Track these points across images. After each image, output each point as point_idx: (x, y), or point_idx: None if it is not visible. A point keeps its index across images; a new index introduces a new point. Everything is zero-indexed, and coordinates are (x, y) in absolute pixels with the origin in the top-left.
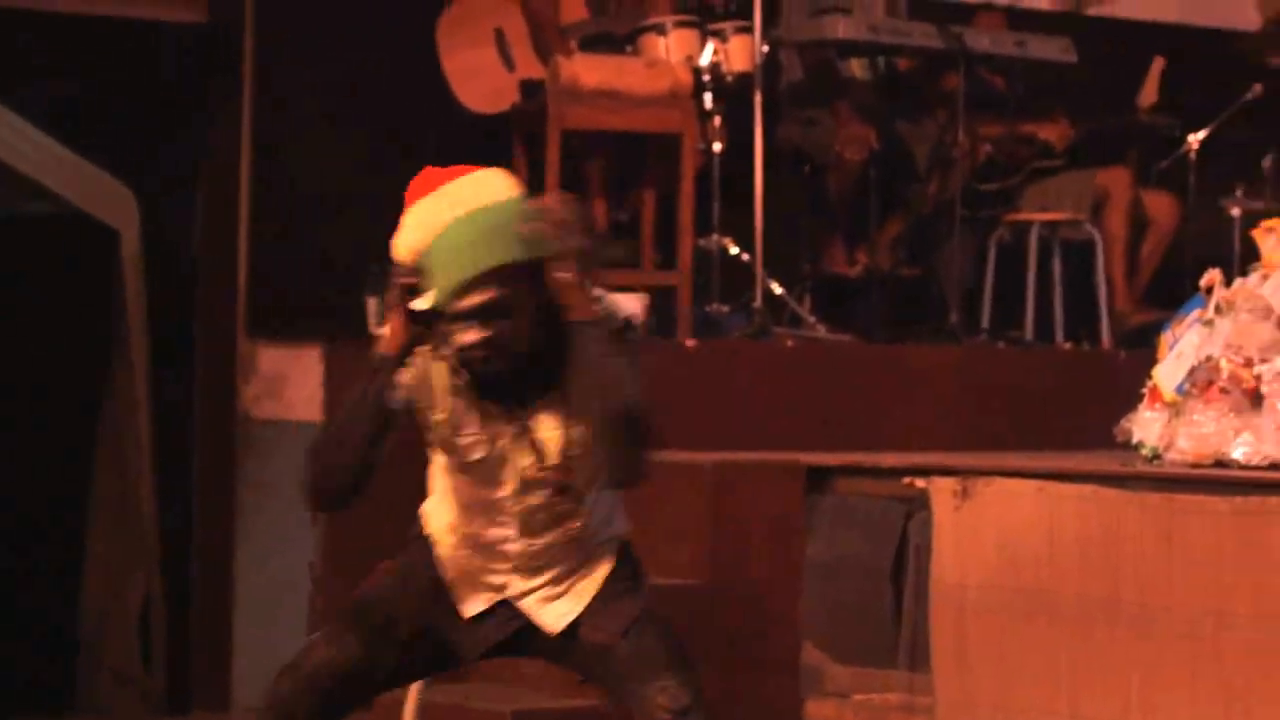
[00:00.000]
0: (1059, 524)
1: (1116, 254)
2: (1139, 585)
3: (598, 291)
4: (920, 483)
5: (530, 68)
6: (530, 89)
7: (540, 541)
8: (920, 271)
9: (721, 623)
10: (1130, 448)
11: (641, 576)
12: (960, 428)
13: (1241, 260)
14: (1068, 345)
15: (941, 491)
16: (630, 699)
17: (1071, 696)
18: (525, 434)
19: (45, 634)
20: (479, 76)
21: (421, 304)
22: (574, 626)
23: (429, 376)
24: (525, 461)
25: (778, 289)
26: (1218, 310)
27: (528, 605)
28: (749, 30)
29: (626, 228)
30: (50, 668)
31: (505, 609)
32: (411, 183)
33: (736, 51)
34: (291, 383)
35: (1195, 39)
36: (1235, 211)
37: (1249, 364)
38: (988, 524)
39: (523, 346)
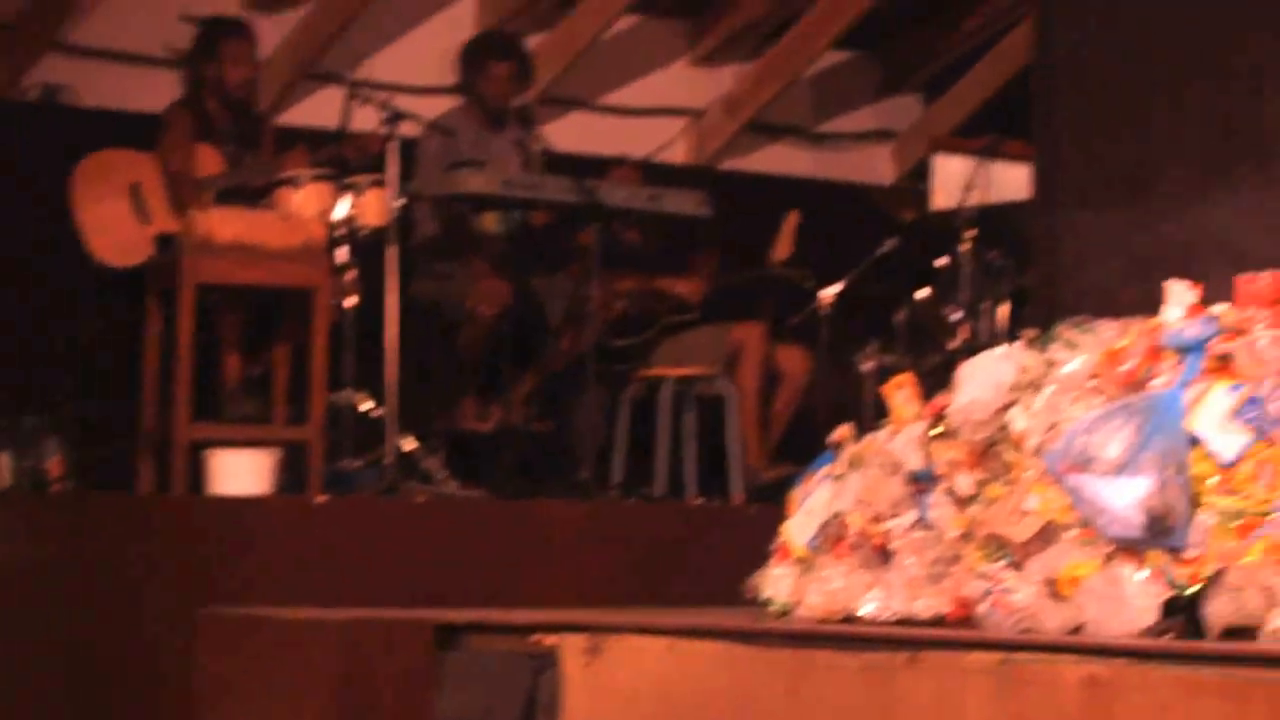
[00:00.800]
0: (689, 680)
1: (749, 409)
2: None
3: None
4: (550, 639)
5: (166, 221)
6: (165, 243)
7: None
8: (553, 426)
9: None
10: (760, 604)
11: None
12: (591, 583)
13: (873, 415)
14: (699, 500)
15: (571, 648)
16: None
17: None
18: None
19: None
20: (113, 230)
21: None
22: None
23: None
24: None
25: (410, 444)
26: (848, 465)
27: None
28: (383, 184)
29: (260, 382)
30: None
31: None
32: None
33: (371, 206)
34: None
35: (830, 193)
36: (868, 366)
37: (878, 520)
38: (618, 681)
39: None
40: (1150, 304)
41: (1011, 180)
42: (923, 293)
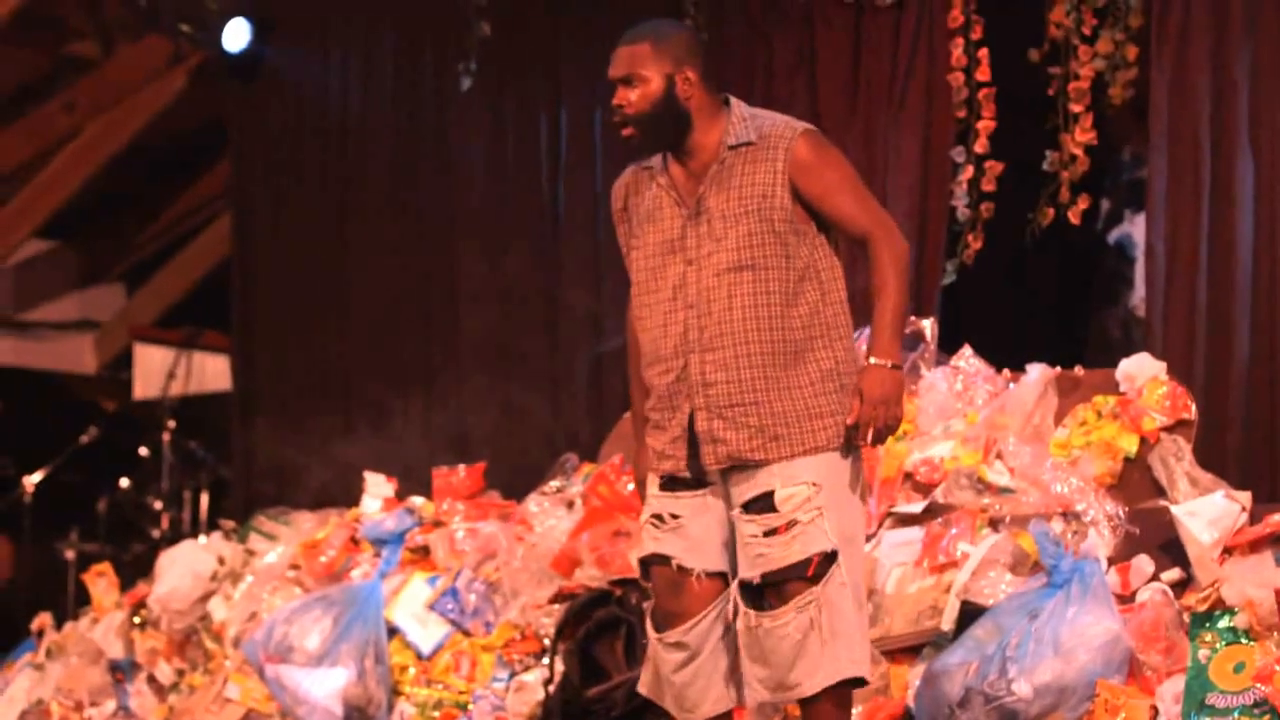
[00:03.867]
0: None
1: None
2: None
3: None
4: None
5: None
6: None
7: None
8: None
9: None
10: None
11: None
12: None
13: (75, 603)
14: None
15: None
16: None
17: None
18: None
19: None
20: None
21: None
22: None
23: None
24: None
25: None
26: (49, 654)
27: None
28: None
29: None
30: None
31: None
32: None
33: None
34: None
35: (31, 382)
36: (70, 554)
37: (80, 708)
38: None
39: None
40: (349, 497)
41: (212, 371)
42: (124, 481)
